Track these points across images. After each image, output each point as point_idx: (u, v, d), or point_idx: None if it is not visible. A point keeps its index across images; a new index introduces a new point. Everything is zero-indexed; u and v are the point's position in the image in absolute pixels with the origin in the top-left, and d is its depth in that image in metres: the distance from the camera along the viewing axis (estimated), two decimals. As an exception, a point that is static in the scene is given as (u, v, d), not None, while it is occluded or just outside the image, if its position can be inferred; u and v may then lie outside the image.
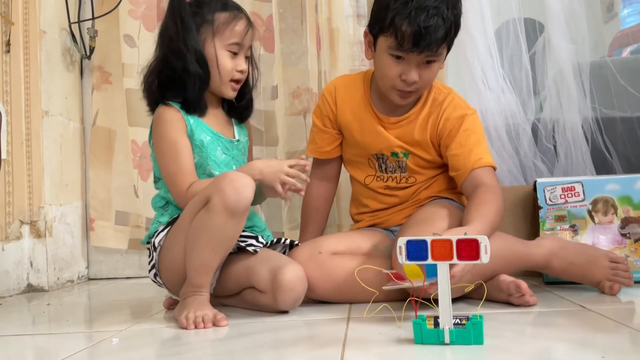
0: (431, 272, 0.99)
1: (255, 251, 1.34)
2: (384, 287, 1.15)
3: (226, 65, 1.38)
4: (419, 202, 1.49)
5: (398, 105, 1.44)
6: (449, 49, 1.39)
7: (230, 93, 1.42)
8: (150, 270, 1.38)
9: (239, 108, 1.47)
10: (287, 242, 1.44)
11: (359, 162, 1.52)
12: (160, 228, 1.37)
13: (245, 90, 1.46)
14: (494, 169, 1.41)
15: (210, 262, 1.23)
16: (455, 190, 1.49)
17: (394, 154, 1.47)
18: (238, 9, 1.42)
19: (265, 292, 1.27)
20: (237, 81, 1.41)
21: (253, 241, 1.36)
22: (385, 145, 1.46)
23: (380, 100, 1.48)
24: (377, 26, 1.36)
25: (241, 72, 1.40)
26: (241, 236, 1.35)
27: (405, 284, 1.09)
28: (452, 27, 1.33)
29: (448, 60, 1.87)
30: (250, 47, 1.45)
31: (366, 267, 1.25)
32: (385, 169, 1.49)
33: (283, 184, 1.30)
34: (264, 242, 1.38)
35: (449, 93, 1.46)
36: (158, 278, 1.37)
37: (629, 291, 1.33)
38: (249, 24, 1.41)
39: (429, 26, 1.28)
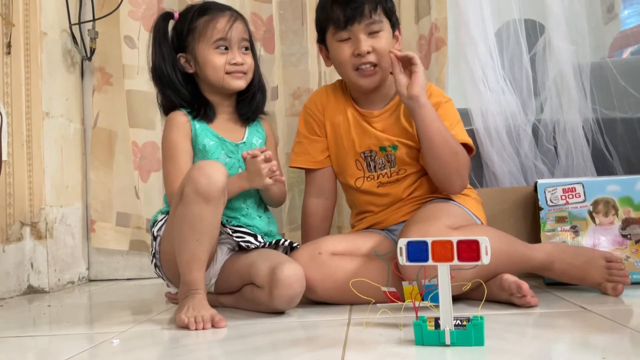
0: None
1: (248, 247, 1.35)
2: (379, 305, 1.17)
3: (216, 61, 1.40)
4: (415, 199, 1.49)
5: (369, 90, 1.46)
6: (389, 18, 1.44)
7: (237, 83, 1.43)
8: (152, 261, 1.41)
9: (243, 103, 1.47)
10: (287, 243, 1.44)
11: (347, 165, 1.52)
12: (160, 217, 1.40)
13: (250, 85, 1.47)
14: (471, 149, 1.44)
15: (197, 253, 1.23)
16: None
17: (382, 149, 1.49)
18: (220, 9, 1.43)
19: (262, 288, 1.28)
20: (236, 72, 1.42)
21: (251, 239, 1.37)
22: (373, 140, 1.49)
23: (359, 100, 1.52)
24: (320, 31, 1.48)
25: (236, 64, 1.41)
26: (240, 233, 1.37)
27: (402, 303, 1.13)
28: None
29: (448, 61, 1.89)
30: (247, 41, 1.45)
31: (363, 280, 1.27)
32: (375, 167, 1.50)
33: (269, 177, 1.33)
34: (263, 242, 1.39)
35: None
36: (159, 270, 1.40)
37: (630, 292, 1.33)
38: (234, 19, 1.42)
39: None
